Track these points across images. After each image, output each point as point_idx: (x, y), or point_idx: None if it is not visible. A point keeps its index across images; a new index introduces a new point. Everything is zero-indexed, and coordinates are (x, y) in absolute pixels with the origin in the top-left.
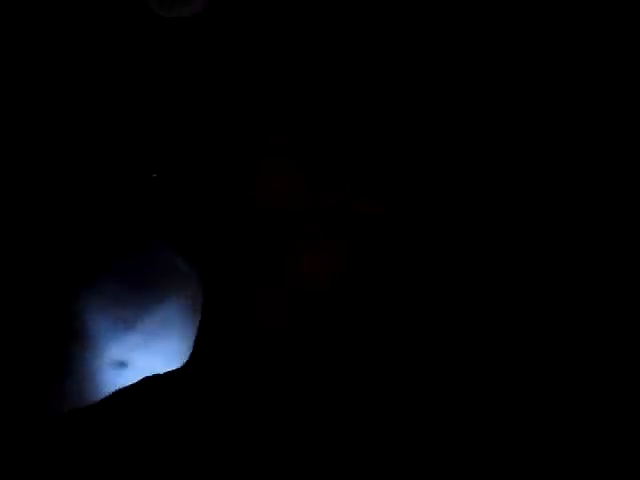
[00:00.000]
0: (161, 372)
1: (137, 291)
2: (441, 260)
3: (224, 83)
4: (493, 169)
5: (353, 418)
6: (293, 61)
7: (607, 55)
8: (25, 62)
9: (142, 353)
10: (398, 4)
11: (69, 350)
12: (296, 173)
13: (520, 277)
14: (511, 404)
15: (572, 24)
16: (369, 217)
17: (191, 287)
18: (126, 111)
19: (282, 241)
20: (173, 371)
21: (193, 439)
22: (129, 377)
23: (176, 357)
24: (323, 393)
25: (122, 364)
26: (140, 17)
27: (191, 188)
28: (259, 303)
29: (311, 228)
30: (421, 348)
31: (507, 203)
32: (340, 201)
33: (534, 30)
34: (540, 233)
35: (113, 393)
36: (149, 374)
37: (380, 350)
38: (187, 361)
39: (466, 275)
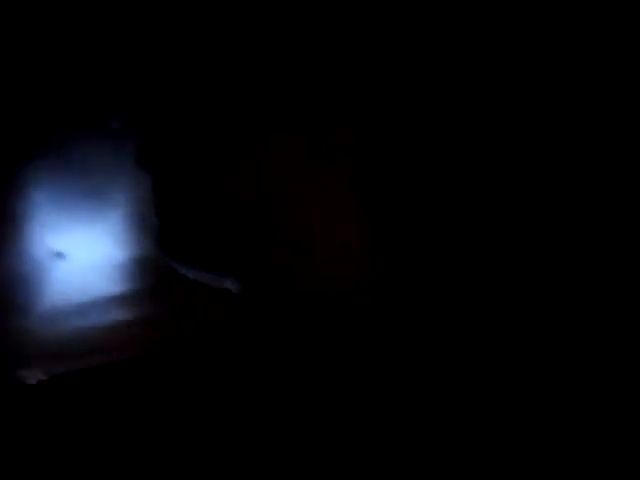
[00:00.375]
0: (98, 264)
1: (79, 176)
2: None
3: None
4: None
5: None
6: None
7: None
8: None
9: (80, 244)
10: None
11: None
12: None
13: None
14: (512, 404)
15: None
16: None
17: (141, 184)
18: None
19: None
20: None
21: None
22: (66, 268)
23: (116, 249)
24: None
25: (59, 254)
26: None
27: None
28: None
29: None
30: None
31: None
32: None
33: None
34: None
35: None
36: (86, 266)
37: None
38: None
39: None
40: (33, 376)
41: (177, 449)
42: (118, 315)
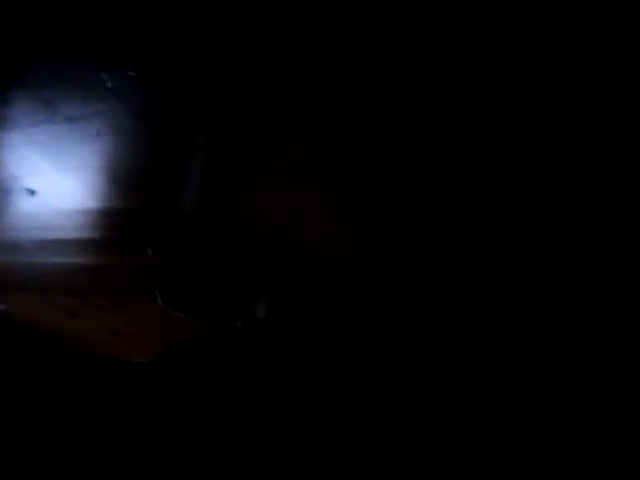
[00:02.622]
0: (67, 208)
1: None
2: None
3: None
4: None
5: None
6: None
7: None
8: None
9: (48, 177)
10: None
11: None
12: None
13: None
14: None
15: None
16: None
17: (118, 117)
18: None
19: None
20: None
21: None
22: (34, 205)
23: (80, 173)
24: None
25: (31, 191)
26: None
27: None
28: None
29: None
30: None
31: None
32: None
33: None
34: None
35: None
36: (54, 207)
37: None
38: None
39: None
40: None
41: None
42: (76, 259)
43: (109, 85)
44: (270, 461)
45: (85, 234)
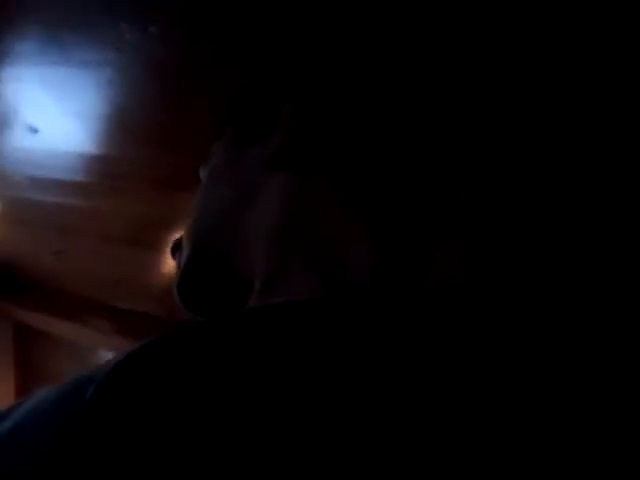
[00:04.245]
0: (70, 142)
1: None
2: None
3: None
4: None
5: None
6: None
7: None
8: None
9: (53, 117)
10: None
11: None
12: None
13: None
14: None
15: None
16: None
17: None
18: None
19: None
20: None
21: None
22: (36, 144)
23: (86, 119)
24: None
25: (34, 130)
26: None
27: None
28: None
29: None
30: None
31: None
32: None
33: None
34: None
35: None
36: (56, 147)
37: None
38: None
39: None
40: None
41: None
42: (68, 200)
43: (127, 37)
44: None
45: (81, 177)
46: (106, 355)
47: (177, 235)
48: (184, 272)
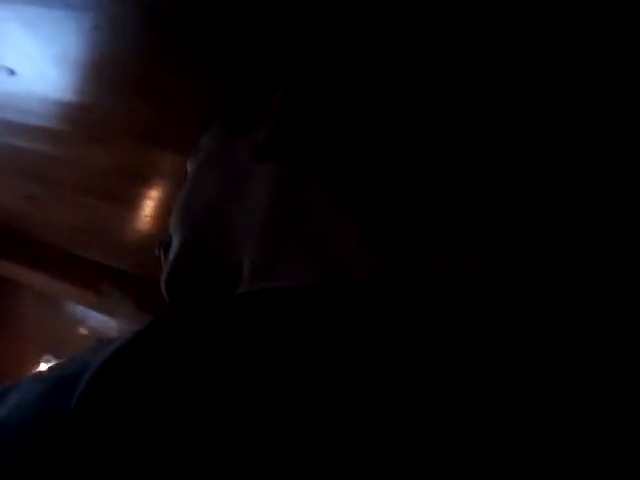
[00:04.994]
0: (49, 87)
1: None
2: None
3: None
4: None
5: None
6: None
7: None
8: None
9: (32, 60)
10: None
11: None
12: None
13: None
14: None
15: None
16: None
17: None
18: None
19: None
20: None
21: None
22: (15, 85)
23: (66, 65)
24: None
25: (11, 71)
26: None
27: None
28: None
29: None
30: None
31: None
32: None
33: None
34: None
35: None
36: (33, 91)
37: None
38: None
39: None
40: None
41: None
42: (44, 147)
43: None
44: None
45: (58, 125)
46: (72, 306)
47: (152, 192)
48: (174, 266)
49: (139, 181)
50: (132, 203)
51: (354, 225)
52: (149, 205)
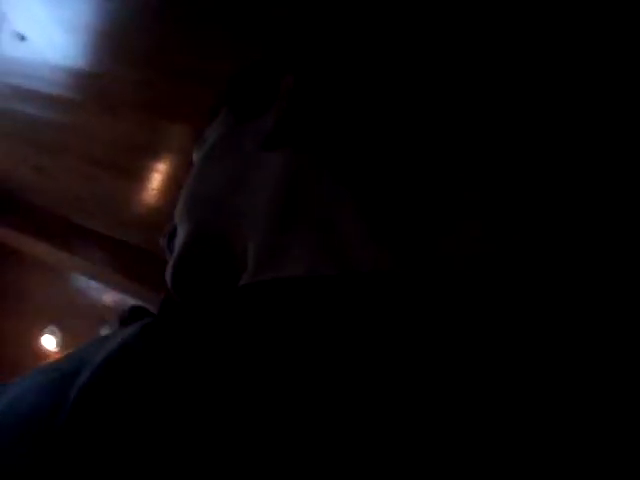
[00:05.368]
0: (60, 54)
1: None
2: None
3: None
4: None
5: None
6: None
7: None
8: None
9: (43, 26)
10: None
11: None
12: None
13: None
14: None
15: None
16: None
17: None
18: None
19: None
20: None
21: None
22: (25, 50)
23: (77, 32)
24: None
25: (22, 37)
26: None
27: None
28: None
29: None
30: None
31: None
32: None
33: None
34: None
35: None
36: (49, 50)
37: None
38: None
39: None
40: None
41: None
42: (52, 115)
43: None
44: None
45: (67, 93)
46: (76, 277)
47: (160, 165)
48: (182, 256)
49: (147, 154)
50: (139, 175)
51: (359, 213)
52: (156, 178)
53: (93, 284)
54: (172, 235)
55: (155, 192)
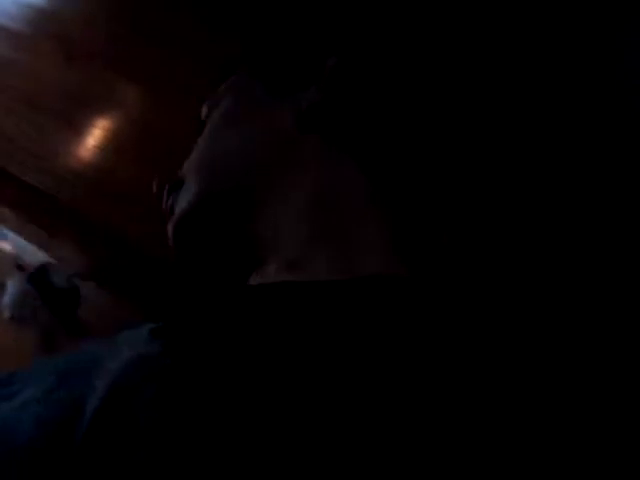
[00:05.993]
0: None
1: None
2: None
3: None
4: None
5: None
6: None
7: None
8: None
9: None
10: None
11: None
12: None
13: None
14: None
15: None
16: None
17: None
18: None
19: None
20: None
21: None
22: None
23: None
24: None
25: None
26: None
27: None
28: None
29: None
30: None
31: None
32: None
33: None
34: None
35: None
36: None
37: None
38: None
39: None
40: None
41: None
42: (6, 52)
43: None
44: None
45: (27, 30)
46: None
47: (107, 123)
48: (189, 212)
49: (95, 109)
50: (82, 130)
51: (386, 227)
52: (99, 135)
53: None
54: (176, 186)
55: (96, 149)
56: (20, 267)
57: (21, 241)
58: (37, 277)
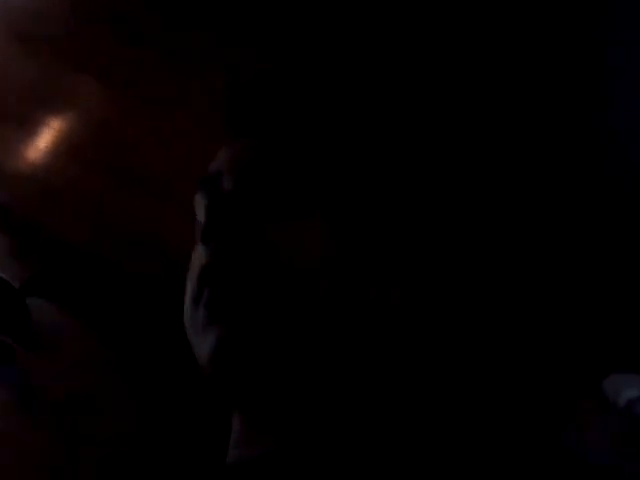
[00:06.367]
0: None
1: None
2: None
3: None
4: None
5: None
6: None
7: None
8: None
9: None
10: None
11: None
12: None
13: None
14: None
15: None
16: None
17: None
18: None
19: None
20: None
21: None
22: None
23: None
24: None
25: None
26: None
27: None
28: None
29: None
30: None
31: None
32: None
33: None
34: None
35: None
36: None
37: None
38: None
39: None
40: None
41: None
42: None
43: None
44: None
45: None
46: None
47: (60, 123)
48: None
49: (46, 106)
50: (33, 128)
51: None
52: (50, 134)
53: None
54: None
55: (46, 149)
56: None
57: None
58: None
